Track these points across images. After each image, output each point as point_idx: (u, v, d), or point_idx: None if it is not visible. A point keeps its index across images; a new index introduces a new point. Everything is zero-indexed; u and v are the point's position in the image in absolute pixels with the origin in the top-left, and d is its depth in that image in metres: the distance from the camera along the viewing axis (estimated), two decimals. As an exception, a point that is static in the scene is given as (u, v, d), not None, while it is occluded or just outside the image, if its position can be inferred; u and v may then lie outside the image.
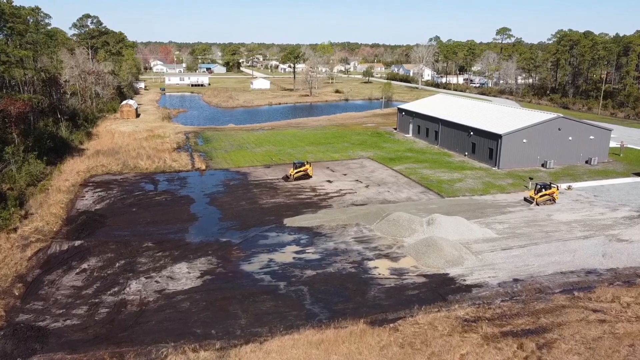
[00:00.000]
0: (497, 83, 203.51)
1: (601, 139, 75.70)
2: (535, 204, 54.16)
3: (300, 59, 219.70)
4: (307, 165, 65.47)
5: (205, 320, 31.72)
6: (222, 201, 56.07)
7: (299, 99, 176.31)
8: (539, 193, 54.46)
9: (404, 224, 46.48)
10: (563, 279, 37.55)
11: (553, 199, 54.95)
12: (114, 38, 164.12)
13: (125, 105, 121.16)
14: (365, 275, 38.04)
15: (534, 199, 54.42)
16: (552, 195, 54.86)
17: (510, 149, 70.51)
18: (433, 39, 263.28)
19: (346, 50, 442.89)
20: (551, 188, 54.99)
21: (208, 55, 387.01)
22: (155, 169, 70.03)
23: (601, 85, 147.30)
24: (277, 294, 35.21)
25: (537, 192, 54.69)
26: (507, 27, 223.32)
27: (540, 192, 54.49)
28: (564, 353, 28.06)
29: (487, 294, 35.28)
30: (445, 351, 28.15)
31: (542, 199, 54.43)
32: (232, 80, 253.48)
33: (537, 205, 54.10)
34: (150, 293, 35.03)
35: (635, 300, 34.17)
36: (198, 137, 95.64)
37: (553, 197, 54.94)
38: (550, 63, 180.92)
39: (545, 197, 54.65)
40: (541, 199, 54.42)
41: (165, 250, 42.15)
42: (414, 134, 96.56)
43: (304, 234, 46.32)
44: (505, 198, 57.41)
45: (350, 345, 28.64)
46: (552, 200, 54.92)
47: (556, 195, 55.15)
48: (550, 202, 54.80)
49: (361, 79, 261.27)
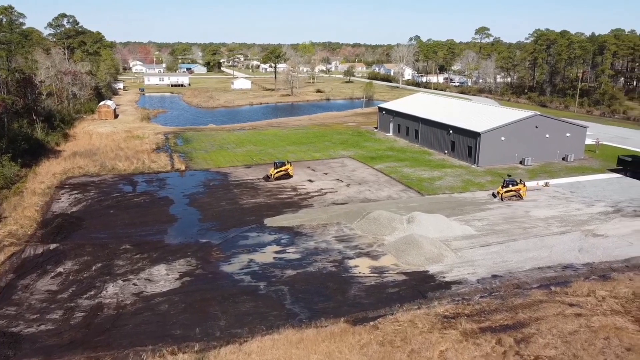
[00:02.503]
0: (476, 82, 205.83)
1: (577, 136, 77.00)
2: (500, 199, 55.17)
3: (282, 59, 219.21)
4: (288, 164, 65.26)
5: (184, 322, 31.33)
6: (202, 202, 55.54)
7: (280, 99, 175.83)
8: (505, 189, 55.46)
9: (385, 223, 46.61)
10: (540, 274, 38.05)
11: (519, 196, 55.83)
12: (92, 38, 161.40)
13: (103, 106, 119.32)
14: (345, 274, 38.02)
15: (499, 194, 55.45)
16: (518, 192, 55.77)
17: (489, 146, 71.29)
18: (413, 38, 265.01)
19: (327, 50, 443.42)
20: (517, 185, 55.81)
21: (188, 55, 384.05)
22: (134, 170, 69.08)
23: (577, 83, 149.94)
24: (257, 294, 34.98)
25: (503, 188, 55.65)
26: (485, 27, 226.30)
27: (507, 188, 55.48)
28: (541, 347, 28.40)
29: (467, 290, 35.55)
30: (425, 348, 28.26)
31: (507, 194, 55.58)
32: (212, 81, 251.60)
33: (501, 200, 55.20)
34: (128, 296, 34.48)
35: (610, 294, 34.77)
36: (178, 138, 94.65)
37: (519, 193, 55.83)
38: (528, 62, 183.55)
39: (511, 193, 55.74)
40: (506, 195, 55.57)
41: (144, 253, 41.55)
42: (395, 132, 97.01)
43: (284, 233, 46.12)
44: (484, 195, 57.99)
45: (331, 344, 28.57)
46: (517, 196, 55.85)
47: (523, 192, 55.97)
48: (516, 198, 55.75)
49: (342, 79, 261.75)
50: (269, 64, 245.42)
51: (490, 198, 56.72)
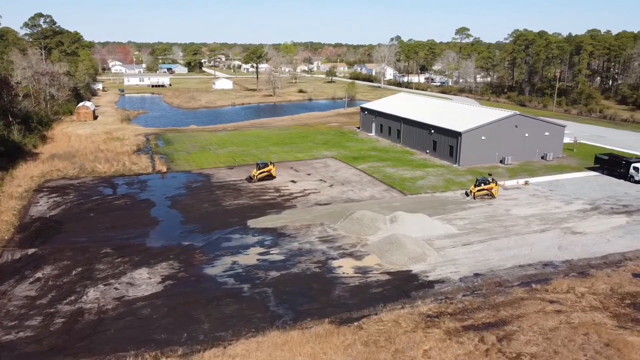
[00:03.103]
0: (457, 82, 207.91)
1: (556, 135, 78.35)
2: (472, 198, 56.02)
3: (263, 59, 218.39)
4: (270, 165, 65.08)
5: (167, 327, 31.01)
6: (184, 204, 55.05)
7: (263, 99, 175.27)
8: (478, 187, 56.30)
9: (368, 223, 46.79)
10: (521, 272, 38.60)
11: (491, 194, 56.56)
12: (69, 38, 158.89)
13: (82, 107, 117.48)
14: (329, 275, 38.06)
15: (472, 192, 56.27)
16: (490, 191, 56.53)
17: (470, 146, 72.08)
18: (394, 38, 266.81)
19: (309, 50, 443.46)
20: (489, 184, 56.59)
21: (169, 55, 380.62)
22: (114, 172, 68.14)
23: (555, 83, 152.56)
24: (241, 296, 34.80)
25: (476, 187, 56.44)
26: (465, 27, 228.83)
27: (479, 187, 56.33)
28: (522, 344, 28.82)
29: (449, 289, 35.88)
30: (409, 347, 28.45)
31: (479, 193, 56.38)
32: (194, 81, 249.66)
33: (474, 198, 56.04)
34: (109, 300, 33.99)
35: (589, 290, 35.46)
36: (159, 139, 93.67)
37: (491, 192, 56.58)
38: (507, 62, 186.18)
39: (483, 192, 56.51)
40: (479, 193, 56.37)
41: (125, 256, 41.01)
42: (377, 132, 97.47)
43: (268, 235, 45.98)
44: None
45: (315, 345, 28.58)
46: (490, 195, 56.58)
47: (495, 191, 56.73)
48: (489, 197, 56.49)
49: (324, 79, 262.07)
50: (250, 64, 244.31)
51: (474, 197, 57.30)
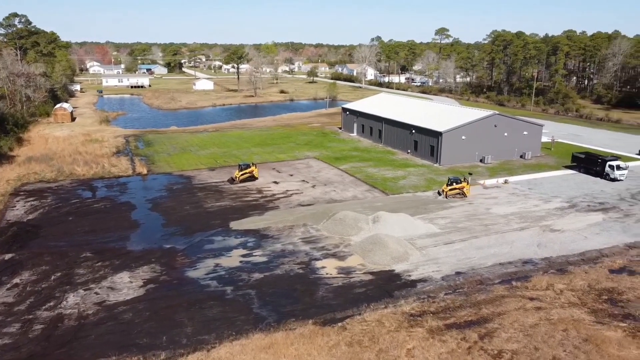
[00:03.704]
0: (437, 82, 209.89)
1: (534, 135, 79.65)
2: (444, 197, 56.62)
3: (244, 59, 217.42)
4: (252, 166, 64.87)
5: (150, 331, 30.68)
6: (165, 206, 54.50)
7: (244, 100, 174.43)
8: (449, 187, 56.98)
9: (350, 223, 46.96)
10: (502, 270, 39.17)
11: (463, 193, 57.30)
12: (45, 38, 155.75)
13: (59, 109, 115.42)
14: (313, 276, 38.09)
15: (444, 192, 56.90)
16: (461, 190, 57.25)
17: (450, 145, 72.84)
18: (375, 39, 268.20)
19: (290, 51, 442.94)
20: (461, 183, 57.32)
21: (148, 55, 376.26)
22: (93, 175, 67.12)
23: (533, 83, 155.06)
24: (224, 299, 34.61)
25: (448, 186, 57.12)
26: (445, 28, 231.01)
27: (451, 186, 56.99)
28: (504, 341, 29.27)
29: (432, 288, 36.23)
30: (393, 347, 28.65)
31: (451, 192, 57.03)
32: (174, 82, 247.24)
33: (446, 197, 56.66)
34: (90, 305, 33.48)
35: (567, 287, 36.17)
36: (139, 141, 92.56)
37: (463, 191, 57.31)
38: (486, 62, 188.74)
39: (455, 191, 57.18)
40: (450, 192, 57.02)
41: (105, 260, 40.44)
42: (359, 133, 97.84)
43: (250, 236, 45.81)
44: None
45: (300, 347, 28.59)
46: (461, 194, 57.30)
47: (466, 190, 57.43)
48: (460, 196, 57.20)
49: (306, 79, 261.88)
50: (231, 64, 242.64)
51: (446, 196, 57.91)
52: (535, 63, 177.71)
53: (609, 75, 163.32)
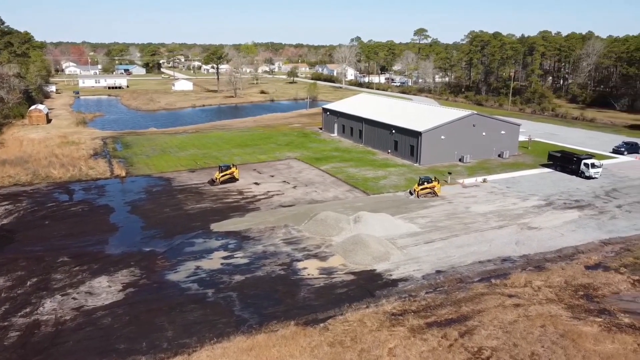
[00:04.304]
0: (416, 82, 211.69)
1: (511, 134, 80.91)
2: (416, 196, 57.05)
3: (224, 60, 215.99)
4: (233, 168, 64.53)
5: (129, 336, 30.27)
6: (144, 209, 53.85)
7: (224, 101, 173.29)
8: (421, 186, 57.45)
9: (332, 223, 47.05)
10: (481, 268, 39.70)
11: (434, 193, 57.90)
12: (19, 38, 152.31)
13: (34, 110, 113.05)
14: (295, 277, 38.06)
15: (415, 191, 57.33)
16: (432, 189, 57.84)
17: (430, 145, 73.54)
18: (354, 39, 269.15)
19: (270, 51, 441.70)
20: (432, 182, 57.92)
21: (125, 56, 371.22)
22: (70, 177, 65.95)
23: (510, 83, 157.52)
24: (205, 302, 34.35)
25: (419, 186, 57.60)
26: (424, 28, 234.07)
27: (422, 186, 57.51)
28: (483, 338, 29.67)
29: (413, 287, 36.53)
30: (375, 346, 28.80)
31: (423, 192, 57.54)
32: (152, 82, 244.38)
33: (417, 197, 57.09)
34: (67, 311, 32.88)
35: (545, 284, 36.83)
36: (117, 143, 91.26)
37: (434, 190, 57.90)
38: (464, 62, 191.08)
39: (426, 191, 57.73)
40: (422, 192, 57.53)
41: (83, 264, 39.76)
42: (339, 133, 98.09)
43: (231, 238, 45.56)
44: (439, 192, 59.63)
45: (282, 348, 28.55)
46: (432, 193, 57.90)
47: (437, 189, 58.06)
48: (431, 195, 57.78)
49: (286, 79, 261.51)
50: (210, 64, 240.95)
51: (417, 196, 58.47)
52: (512, 63, 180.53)
53: (584, 75, 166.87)
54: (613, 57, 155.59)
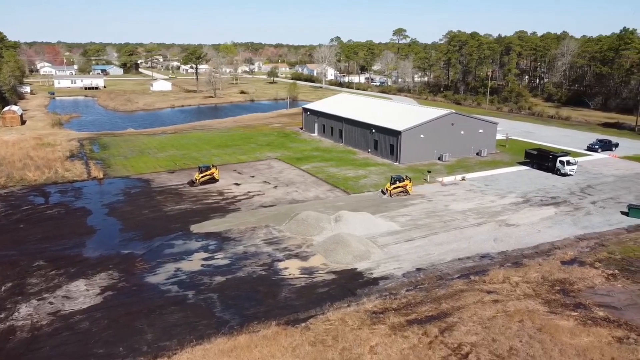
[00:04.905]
0: (396, 82, 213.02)
1: (489, 132, 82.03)
2: (389, 196, 57.38)
3: (203, 60, 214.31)
4: (213, 168, 64.09)
5: (108, 340, 29.83)
6: (122, 211, 53.11)
7: (203, 101, 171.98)
8: (393, 185, 57.79)
9: (313, 223, 47.08)
10: (461, 265, 40.17)
11: (406, 191, 58.40)
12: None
13: (7, 112, 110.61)
14: (276, 277, 37.98)
15: (388, 191, 57.64)
16: (405, 188, 58.32)
17: (410, 144, 74.10)
18: (334, 39, 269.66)
19: (250, 51, 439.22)
20: (404, 181, 58.40)
21: (102, 56, 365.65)
22: (46, 180, 64.69)
23: (487, 82, 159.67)
24: (185, 304, 34.04)
25: (391, 185, 57.94)
26: (402, 28, 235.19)
27: (394, 185, 57.86)
28: (463, 334, 30.03)
29: (393, 285, 36.77)
30: (356, 345, 28.92)
31: (395, 190, 57.92)
32: (130, 83, 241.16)
33: (390, 196, 57.40)
34: (44, 316, 32.26)
35: (522, 279, 37.45)
36: (94, 144, 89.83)
37: (406, 189, 58.39)
38: (443, 62, 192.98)
39: (399, 189, 58.15)
40: (394, 191, 57.90)
41: (60, 268, 39.05)
42: (320, 133, 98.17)
43: (212, 239, 45.24)
44: (411, 191, 60.09)
45: (263, 349, 28.46)
46: (405, 192, 58.38)
47: (409, 187, 58.53)
48: (404, 194, 58.25)
49: (266, 79, 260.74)
50: (189, 65, 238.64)
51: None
52: (490, 63, 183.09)
53: (559, 75, 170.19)
54: (587, 56, 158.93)
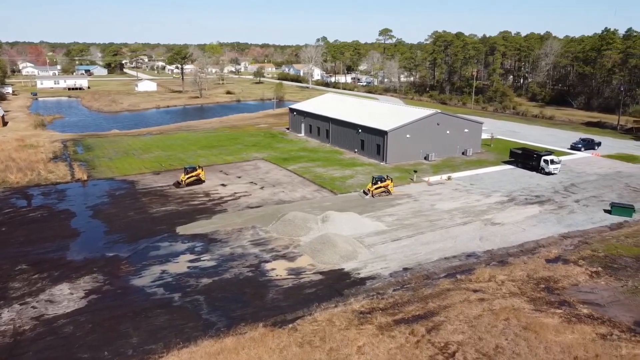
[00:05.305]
0: (382, 81, 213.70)
1: (474, 132, 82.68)
2: (371, 196, 57.41)
3: (188, 60, 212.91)
4: (199, 169, 63.68)
5: (93, 344, 29.45)
6: (107, 213, 52.51)
7: (189, 101, 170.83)
8: (375, 186, 57.87)
9: (300, 223, 47.00)
10: (447, 264, 40.41)
11: (388, 191, 58.57)
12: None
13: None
14: (263, 278, 37.85)
15: (370, 191, 57.69)
16: (386, 188, 58.49)
17: (396, 144, 74.38)
18: (320, 39, 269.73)
19: (236, 51, 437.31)
20: (385, 181, 58.57)
21: (86, 56, 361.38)
22: (28, 182, 63.71)
23: (473, 82, 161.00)
24: (171, 306, 33.75)
25: (373, 185, 58.05)
26: (388, 28, 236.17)
27: (376, 185, 57.95)
28: (450, 333, 30.20)
29: (380, 285, 36.86)
30: (344, 345, 28.92)
31: (377, 191, 57.97)
32: (114, 83, 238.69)
33: (372, 197, 57.42)
34: (27, 321, 31.74)
35: (508, 278, 37.79)
36: (78, 145, 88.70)
37: (388, 189, 58.57)
38: (428, 62, 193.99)
39: (380, 190, 58.24)
40: (376, 191, 57.94)
41: (43, 272, 38.47)
42: (306, 133, 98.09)
43: (198, 241, 44.94)
44: (393, 191, 60.30)
45: (250, 351, 28.33)
46: (387, 192, 58.55)
47: (391, 187, 58.68)
48: (386, 194, 58.40)
49: (252, 80, 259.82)
50: (175, 65, 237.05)
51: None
52: (475, 63, 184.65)
53: (542, 74, 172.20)
54: (570, 56, 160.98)
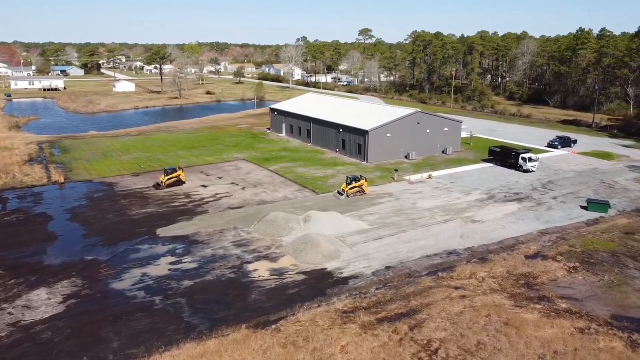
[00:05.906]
0: (362, 81, 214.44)
1: (454, 130, 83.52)
2: (346, 196, 57.49)
3: (167, 60, 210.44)
4: (179, 170, 63.04)
5: (72, 350, 28.90)
6: (85, 216, 51.61)
7: (168, 102, 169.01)
8: (349, 185, 58.02)
9: (281, 224, 46.87)
10: (428, 262, 40.74)
11: (362, 191, 58.80)
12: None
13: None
14: (245, 279, 37.63)
15: (344, 191, 57.76)
16: (361, 187, 58.71)
17: (377, 143, 74.70)
18: (300, 39, 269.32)
19: (215, 51, 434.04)
20: (360, 180, 58.82)
21: (62, 56, 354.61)
22: (3, 185, 62.26)
23: (452, 81, 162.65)
24: (152, 309, 33.32)
25: (348, 185, 58.21)
26: (368, 28, 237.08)
27: (350, 185, 58.10)
28: (432, 330, 30.45)
29: (363, 283, 36.97)
30: (327, 345, 28.92)
31: (352, 190, 58.10)
32: (91, 83, 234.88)
33: (347, 197, 57.49)
34: (2, 327, 30.99)
35: (488, 274, 38.27)
36: (54, 147, 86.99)
37: (362, 188, 58.81)
38: (408, 62, 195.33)
39: (355, 189, 58.43)
40: (351, 191, 58.06)
41: (19, 277, 37.62)
42: (287, 133, 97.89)
43: (179, 243, 44.47)
44: (374, 190, 60.61)
45: (233, 352, 28.13)
46: (361, 191, 58.78)
47: (365, 187, 58.94)
48: (360, 194, 58.62)
49: (232, 80, 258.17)
50: (153, 65, 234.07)
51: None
52: (453, 62, 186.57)
53: (519, 73, 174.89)
54: (546, 56, 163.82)
